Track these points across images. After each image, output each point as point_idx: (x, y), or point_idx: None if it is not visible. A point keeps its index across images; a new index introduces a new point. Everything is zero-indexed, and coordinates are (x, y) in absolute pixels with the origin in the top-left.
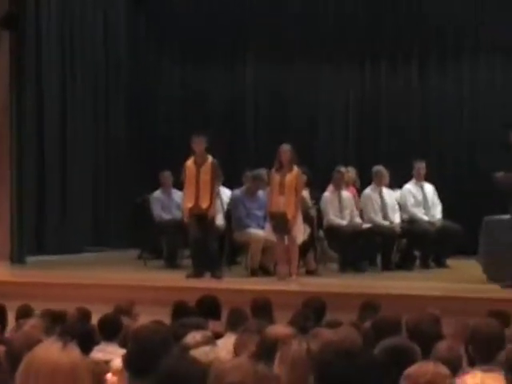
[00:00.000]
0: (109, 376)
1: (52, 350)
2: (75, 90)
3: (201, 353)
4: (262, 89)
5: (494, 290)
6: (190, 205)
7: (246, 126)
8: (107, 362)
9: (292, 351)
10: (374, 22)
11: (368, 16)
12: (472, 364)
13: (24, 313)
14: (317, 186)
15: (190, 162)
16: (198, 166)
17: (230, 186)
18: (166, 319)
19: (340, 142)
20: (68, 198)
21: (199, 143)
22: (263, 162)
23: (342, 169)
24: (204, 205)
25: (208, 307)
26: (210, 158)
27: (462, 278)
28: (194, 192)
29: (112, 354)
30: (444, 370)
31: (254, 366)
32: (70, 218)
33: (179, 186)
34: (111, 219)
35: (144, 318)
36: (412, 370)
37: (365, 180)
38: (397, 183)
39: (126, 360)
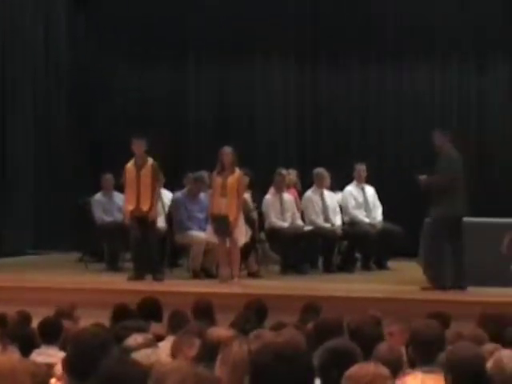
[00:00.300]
0: (53, 381)
1: None
2: (15, 91)
3: (142, 355)
4: (203, 90)
5: (434, 292)
6: (130, 207)
7: (188, 128)
8: (48, 366)
9: (233, 353)
10: (314, 22)
11: (308, 16)
12: (413, 365)
13: None
14: (258, 189)
15: (130, 165)
16: (138, 168)
17: (172, 189)
18: (108, 322)
19: (281, 144)
20: (8, 201)
21: (139, 145)
22: (205, 164)
23: (284, 171)
24: (145, 207)
25: (149, 310)
26: (150, 161)
27: (402, 280)
28: (135, 194)
29: (52, 357)
30: (384, 370)
31: (193, 369)
32: (10, 221)
33: (121, 188)
34: (52, 222)
35: (85, 320)
36: (353, 370)
37: (306, 182)
38: (338, 185)
39: (66, 363)
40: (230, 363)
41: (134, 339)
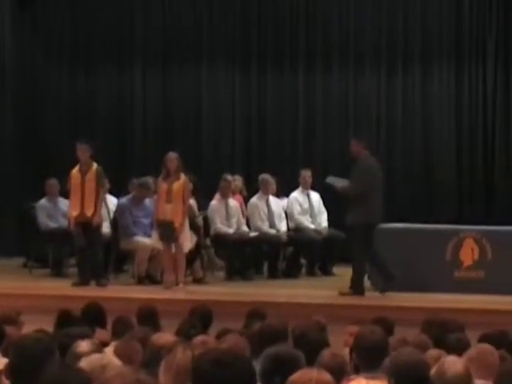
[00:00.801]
0: None
1: None
2: None
3: (94, 359)
4: (149, 95)
5: (378, 298)
6: (75, 213)
7: (133, 133)
8: None
9: (177, 359)
10: (261, 24)
11: (254, 22)
12: (357, 371)
13: None
14: (203, 194)
15: (75, 171)
16: (83, 173)
17: (117, 194)
18: (51, 328)
19: (226, 149)
20: None
21: (83, 151)
22: (150, 169)
23: (229, 177)
24: (89, 213)
25: (93, 315)
26: (94, 166)
27: (347, 286)
28: (79, 200)
29: None
30: (327, 376)
31: (136, 375)
32: None
33: (66, 194)
34: None
35: (29, 326)
36: (295, 376)
37: (251, 188)
38: (283, 191)
39: (9, 369)
40: (173, 369)
41: (83, 345)
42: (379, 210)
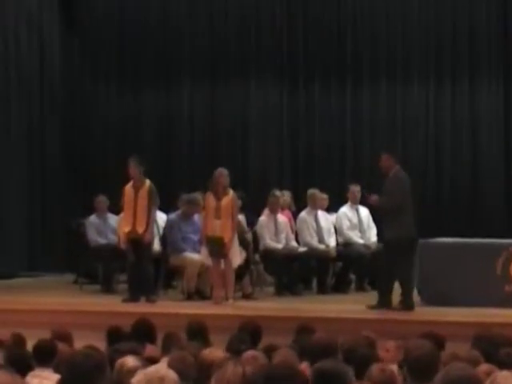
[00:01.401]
0: None
1: None
2: (9, 115)
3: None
4: (196, 111)
5: (429, 313)
6: (127, 229)
7: (180, 149)
8: None
9: (227, 375)
10: (308, 39)
11: (299, 33)
12: None
13: None
14: (252, 210)
15: (128, 187)
16: (136, 190)
17: (165, 210)
18: (102, 344)
19: (275, 165)
20: (2, 223)
21: (135, 168)
22: (197, 185)
23: (277, 192)
24: (140, 229)
25: (143, 332)
26: (147, 183)
27: (397, 301)
28: (132, 216)
29: (47, 380)
30: None
31: None
32: (3, 243)
33: (115, 210)
34: (46, 244)
35: (79, 343)
36: None
37: (300, 204)
38: (332, 207)
39: None
40: None
41: (128, 361)
42: (414, 224)
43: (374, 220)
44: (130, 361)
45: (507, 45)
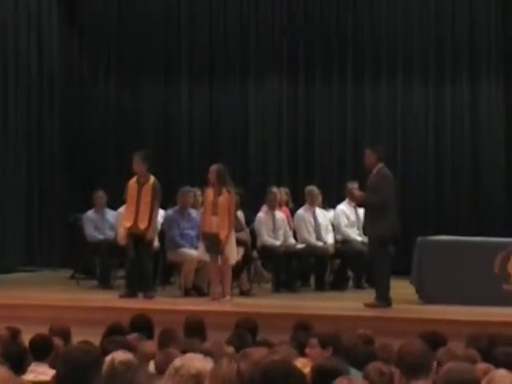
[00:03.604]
0: None
1: None
2: (7, 107)
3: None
4: (195, 107)
5: (427, 311)
6: (128, 224)
7: (179, 146)
8: None
9: (222, 371)
10: (306, 38)
11: (299, 30)
12: None
13: None
14: (250, 207)
15: (132, 182)
16: (140, 185)
17: (164, 207)
18: (99, 340)
19: (273, 162)
20: (0, 217)
21: (140, 163)
22: (196, 182)
23: (275, 189)
24: (142, 225)
25: (141, 327)
26: (152, 179)
27: (395, 299)
28: (134, 211)
29: (42, 375)
30: None
31: None
32: (1, 238)
33: (113, 205)
34: (44, 239)
35: (76, 338)
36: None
37: (298, 201)
38: (331, 204)
39: (56, 381)
40: (218, 381)
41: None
42: (397, 221)
43: None
44: (120, 355)
45: (507, 39)
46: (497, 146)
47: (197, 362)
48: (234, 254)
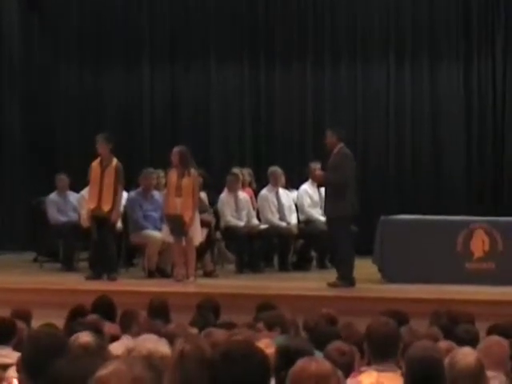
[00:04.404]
0: None
1: None
2: None
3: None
4: (157, 91)
5: (390, 290)
6: (92, 206)
7: (141, 129)
8: (2, 366)
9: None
10: (269, 19)
11: (260, 14)
12: (368, 363)
13: None
14: (213, 188)
15: (95, 163)
16: (103, 167)
17: (127, 188)
18: (62, 322)
19: (235, 143)
20: None
21: (103, 145)
22: (158, 165)
23: (236, 170)
24: (106, 207)
25: (104, 309)
26: (114, 161)
27: (357, 278)
28: (97, 193)
29: (6, 358)
30: (327, 366)
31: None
32: None
33: (76, 188)
34: (6, 221)
35: (40, 321)
36: (296, 367)
37: (261, 181)
38: (294, 184)
39: (21, 364)
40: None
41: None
42: (357, 201)
43: None
44: (84, 336)
45: (466, 19)
46: (457, 126)
47: (149, 343)
48: (198, 235)
